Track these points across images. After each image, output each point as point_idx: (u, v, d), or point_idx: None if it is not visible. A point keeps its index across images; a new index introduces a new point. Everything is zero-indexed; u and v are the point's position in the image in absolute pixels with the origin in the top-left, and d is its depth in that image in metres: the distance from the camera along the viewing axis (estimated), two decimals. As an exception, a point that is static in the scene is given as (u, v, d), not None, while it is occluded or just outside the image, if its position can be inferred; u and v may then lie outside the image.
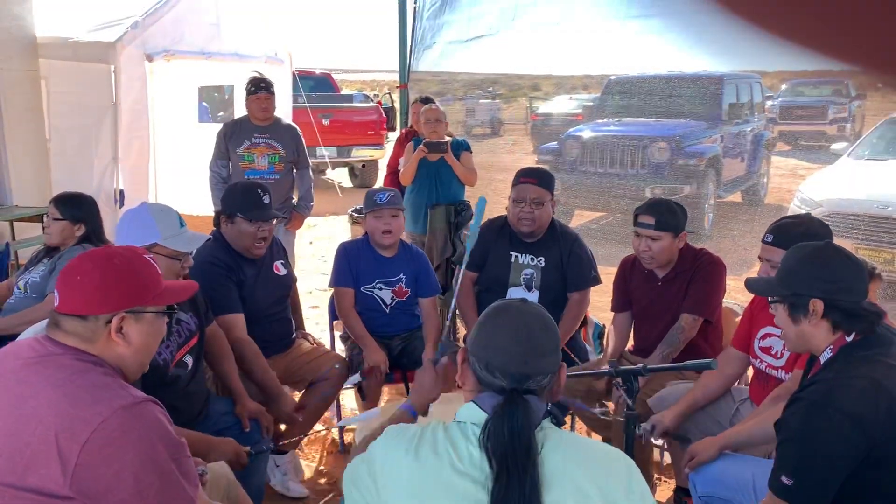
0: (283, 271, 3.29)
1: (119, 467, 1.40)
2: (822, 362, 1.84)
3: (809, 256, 1.86)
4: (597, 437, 3.08)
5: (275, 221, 3.20)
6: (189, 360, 2.49)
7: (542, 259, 3.37)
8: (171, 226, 2.45)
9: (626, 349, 3.26)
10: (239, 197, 3.08)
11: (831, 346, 1.82)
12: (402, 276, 3.48)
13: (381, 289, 3.47)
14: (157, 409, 1.51)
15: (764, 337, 2.57)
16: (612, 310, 3.31)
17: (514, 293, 3.38)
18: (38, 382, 1.46)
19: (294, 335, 3.39)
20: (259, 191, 3.07)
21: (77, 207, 3.27)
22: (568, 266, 3.36)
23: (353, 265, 3.45)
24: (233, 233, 3.06)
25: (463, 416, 1.37)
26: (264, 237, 3.07)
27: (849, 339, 1.80)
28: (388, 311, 3.49)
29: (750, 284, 2.13)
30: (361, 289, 3.44)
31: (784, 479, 1.70)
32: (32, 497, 1.39)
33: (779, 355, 2.51)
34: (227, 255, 3.04)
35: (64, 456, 1.37)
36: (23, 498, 1.39)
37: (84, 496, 1.39)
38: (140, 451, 1.42)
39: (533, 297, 3.37)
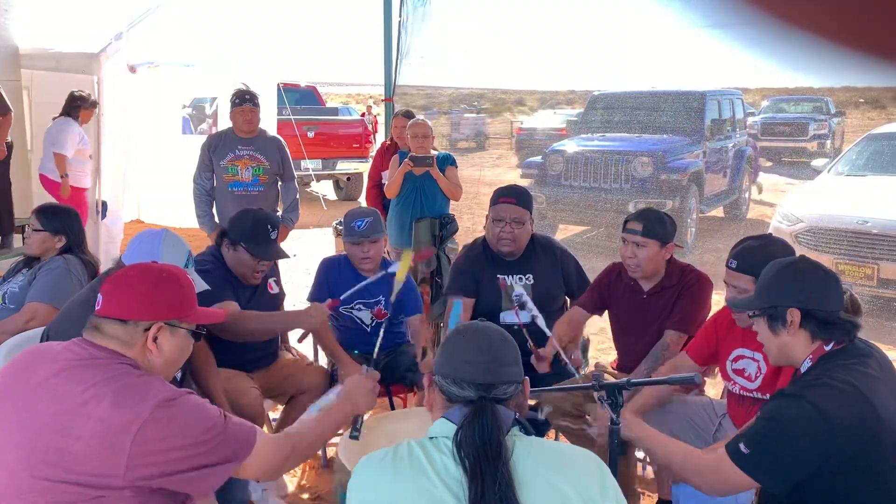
0: (275, 289, 3.29)
1: (170, 451, 1.52)
2: (802, 372, 1.88)
3: (784, 270, 1.93)
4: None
5: None
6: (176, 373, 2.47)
7: (531, 276, 3.32)
8: (177, 263, 2.41)
9: (610, 365, 3.25)
10: (248, 227, 3.01)
11: (811, 356, 1.86)
12: (381, 297, 3.43)
13: (360, 309, 3.44)
14: (197, 398, 1.63)
15: (736, 359, 2.57)
16: (578, 304, 3.21)
17: (508, 317, 3.32)
18: (83, 382, 1.56)
19: (278, 349, 3.36)
20: (269, 226, 3.04)
21: (58, 219, 3.24)
22: (566, 280, 3.35)
23: (331, 283, 3.40)
24: (233, 259, 3.04)
25: (434, 431, 1.40)
26: (263, 269, 3.07)
27: (827, 348, 1.85)
28: (368, 329, 3.46)
29: (731, 303, 2.16)
30: (341, 309, 3.41)
31: (742, 446, 1.77)
32: (80, 490, 1.47)
33: (753, 378, 2.53)
34: (223, 276, 3.00)
35: (116, 450, 1.48)
36: (69, 492, 1.47)
37: (139, 482, 1.50)
38: (188, 435, 1.54)
39: (527, 316, 3.31)
